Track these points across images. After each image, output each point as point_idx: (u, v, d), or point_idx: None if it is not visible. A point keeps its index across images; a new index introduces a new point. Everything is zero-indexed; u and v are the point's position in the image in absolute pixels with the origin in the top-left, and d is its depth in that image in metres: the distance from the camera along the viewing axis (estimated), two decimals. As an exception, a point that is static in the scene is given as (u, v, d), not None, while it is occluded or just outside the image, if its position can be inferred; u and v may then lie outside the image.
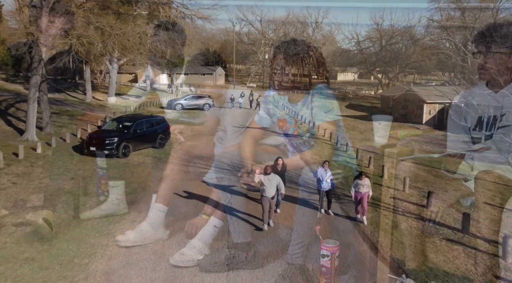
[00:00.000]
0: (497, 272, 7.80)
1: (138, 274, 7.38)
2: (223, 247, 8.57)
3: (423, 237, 9.45)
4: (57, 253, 8.11)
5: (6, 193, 11.40)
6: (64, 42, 17.12)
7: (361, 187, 10.07)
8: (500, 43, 9.31)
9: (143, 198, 11.81)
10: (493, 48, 9.43)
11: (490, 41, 9.58)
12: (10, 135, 19.70)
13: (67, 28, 16.39)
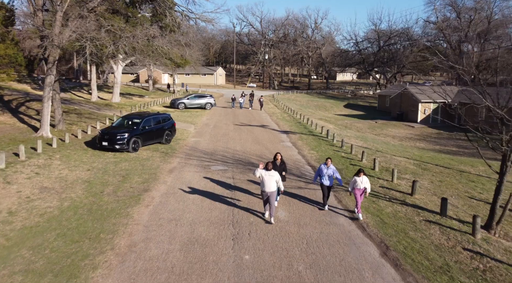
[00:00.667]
0: (465, 245, 9.01)
1: (156, 246, 8.59)
2: (228, 226, 9.78)
3: (406, 219, 10.66)
4: (85, 230, 9.31)
5: (31, 182, 12.62)
6: (79, 44, 18.26)
7: (359, 184, 10.40)
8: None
9: (154, 186, 13.02)
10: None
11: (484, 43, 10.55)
12: (25, 131, 20.90)
13: (81, 31, 17.53)
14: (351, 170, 15.87)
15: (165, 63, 27.51)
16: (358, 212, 10.53)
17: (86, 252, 8.22)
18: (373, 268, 7.89)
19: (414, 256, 8.44)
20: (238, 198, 11.95)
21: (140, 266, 7.69)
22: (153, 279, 7.24)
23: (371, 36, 75.93)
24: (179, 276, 7.35)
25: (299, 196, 12.32)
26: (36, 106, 29.48)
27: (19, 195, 11.45)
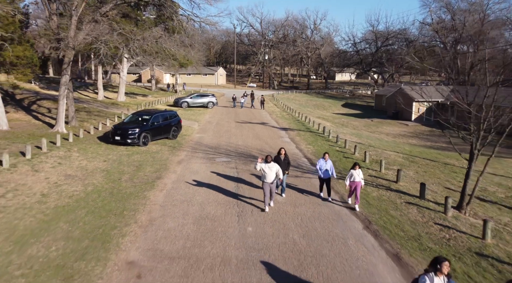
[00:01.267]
0: (437, 221, 10.50)
1: (172, 220, 10.07)
2: (233, 206, 11.26)
3: (388, 201, 12.15)
4: (110, 209, 10.79)
5: (56, 170, 14.10)
6: (95, 47, 19.74)
7: (356, 177, 11.13)
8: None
9: (166, 174, 14.50)
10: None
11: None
12: (41, 127, 22.38)
13: (95, 34, 19.00)
14: (343, 162, 17.36)
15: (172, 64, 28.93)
16: (356, 203, 11.33)
17: (114, 224, 9.70)
18: (356, 237, 9.38)
19: (392, 229, 9.94)
20: (241, 184, 13.44)
21: (160, 235, 9.18)
22: (172, 244, 8.72)
23: (368, 37, 77.45)
24: (194, 242, 8.83)
25: (295, 183, 13.79)
26: (47, 105, 30.98)
27: (47, 180, 12.94)
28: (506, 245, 9.24)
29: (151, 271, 7.50)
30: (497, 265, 8.10)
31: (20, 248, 8.25)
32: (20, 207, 10.56)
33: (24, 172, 13.46)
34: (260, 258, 8.14)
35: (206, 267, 7.73)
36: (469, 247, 8.99)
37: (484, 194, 13.83)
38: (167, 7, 22.19)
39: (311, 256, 8.31)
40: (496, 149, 11.30)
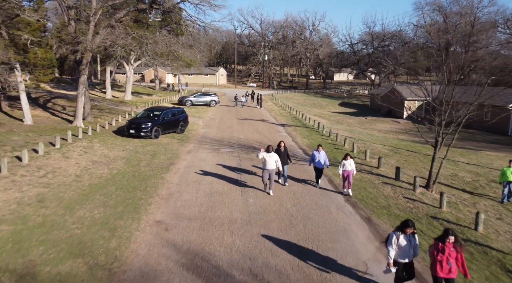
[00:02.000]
0: (405, 196, 12.71)
1: (187, 194, 12.25)
2: (237, 185, 13.45)
3: (368, 182, 14.34)
4: (134, 186, 12.98)
5: (83, 157, 16.30)
6: (112, 49, 21.92)
7: (348, 166, 12.42)
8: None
9: (178, 161, 16.70)
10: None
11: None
12: (61, 123, 24.57)
13: (112, 38, 21.19)
14: (334, 153, 19.55)
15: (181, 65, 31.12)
16: (349, 188, 12.59)
17: (140, 197, 11.89)
18: (337, 207, 11.57)
19: (367, 201, 12.14)
20: (243, 169, 15.63)
21: (179, 203, 11.37)
22: (189, 210, 10.91)
23: (365, 38, 79.66)
24: (206, 209, 11.02)
25: (290, 169, 15.94)
26: (61, 103, 33.20)
27: (78, 165, 15.14)
28: (457, 212, 11.45)
29: (175, 227, 9.70)
30: (445, 224, 10.29)
31: (70, 211, 10.44)
32: (61, 184, 12.76)
33: (57, 158, 15.66)
34: (260, 219, 10.33)
35: (218, 224, 9.93)
36: (427, 213, 11.20)
37: (453, 178, 16.03)
38: (175, 13, 24.36)
39: (300, 218, 10.50)
40: (456, 136, 13.45)
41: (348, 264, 8.05)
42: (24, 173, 13.46)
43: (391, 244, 6.67)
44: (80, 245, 8.50)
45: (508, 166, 12.86)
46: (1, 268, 7.40)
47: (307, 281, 7.33)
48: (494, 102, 33.46)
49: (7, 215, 9.93)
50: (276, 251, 8.49)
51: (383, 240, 7.83)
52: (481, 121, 35.96)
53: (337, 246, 8.87)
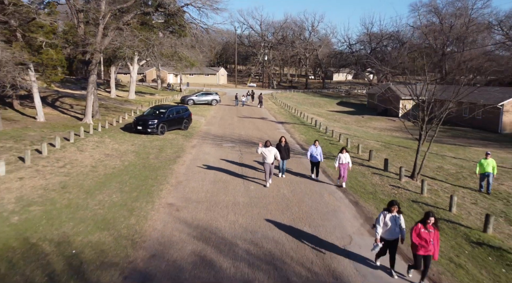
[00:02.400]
0: (391, 184, 14.03)
1: (194, 182, 13.57)
2: (239, 174, 14.77)
3: (359, 172, 15.66)
4: (146, 175, 14.30)
5: (96, 151, 17.62)
6: (121, 51, 23.24)
7: (343, 159, 13.27)
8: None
9: (184, 155, 18.02)
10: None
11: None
12: (70, 120, 25.90)
13: (121, 40, 22.50)
14: (329, 147, 20.87)
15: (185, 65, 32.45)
16: (343, 181, 13.45)
17: (152, 184, 13.22)
18: (329, 192, 12.90)
19: (356, 188, 13.47)
20: (244, 161, 16.96)
21: (187, 189, 12.70)
22: (196, 194, 12.23)
23: (363, 39, 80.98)
24: (212, 194, 12.35)
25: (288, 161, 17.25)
26: (68, 101, 34.54)
27: (92, 157, 16.46)
28: (437, 197, 12.78)
29: (185, 208, 11.03)
30: (424, 207, 11.61)
31: (91, 196, 11.76)
32: (79, 173, 14.08)
33: (72, 151, 16.99)
34: (259, 202, 11.66)
35: (222, 206, 11.26)
36: (409, 198, 12.53)
37: (439, 170, 17.36)
38: (179, 16, 25.68)
39: (295, 202, 11.83)
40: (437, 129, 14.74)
41: (335, 236, 9.38)
42: (45, 163, 14.78)
43: (378, 222, 7.59)
44: (104, 221, 9.82)
45: (485, 158, 14.13)
46: (41, 238, 8.73)
47: (300, 248, 8.66)
48: (485, 102, 34.89)
49: (36, 198, 11.25)
50: (274, 227, 9.82)
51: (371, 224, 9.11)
52: (472, 120, 37.38)
53: (326, 223, 10.19)
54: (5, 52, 18.25)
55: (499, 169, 18.36)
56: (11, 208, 10.36)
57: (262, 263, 7.93)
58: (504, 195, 13.94)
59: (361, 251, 8.67)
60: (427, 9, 60.22)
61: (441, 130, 35.41)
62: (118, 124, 25.59)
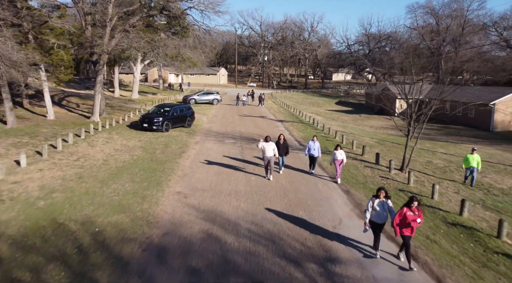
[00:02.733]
0: (381, 175, 15.18)
1: (199, 173, 14.70)
2: (241, 167, 15.90)
3: (352, 165, 16.80)
4: (154, 168, 15.44)
5: (106, 146, 18.76)
6: (129, 52, 24.39)
7: (338, 156, 13.98)
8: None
9: (188, 150, 19.16)
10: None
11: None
12: (78, 118, 27.04)
13: (128, 42, 23.66)
14: (325, 143, 22.01)
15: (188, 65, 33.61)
16: (337, 177, 14.15)
17: (160, 175, 14.36)
18: (323, 183, 14.05)
19: (348, 178, 14.62)
20: (245, 155, 18.11)
21: (193, 180, 13.85)
22: (202, 184, 13.38)
23: (362, 40, 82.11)
24: (216, 183, 13.49)
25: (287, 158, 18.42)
26: (74, 101, 35.68)
27: (103, 152, 17.61)
28: (422, 187, 13.93)
29: (192, 195, 12.17)
30: (409, 195, 12.75)
31: (105, 185, 12.91)
32: (93, 166, 15.23)
33: (84, 147, 18.14)
34: (259, 191, 12.81)
35: (225, 193, 12.40)
36: (396, 187, 13.69)
37: (428, 164, 18.51)
38: (182, 18, 26.84)
39: (292, 190, 12.98)
40: (424, 126, 15.86)
41: (327, 219, 10.54)
42: (60, 157, 15.93)
43: (367, 207, 8.48)
44: (120, 206, 10.97)
45: (471, 153, 15.22)
46: (66, 219, 9.88)
47: (295, 228, 9.80)
48: (478, 101, 36.05)
49: (57, 187, 12.40)
50: (272, 210, 10.97)
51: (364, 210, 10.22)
52: (466, 118, 38.56)
53: (320, 208, 11.35)
54: (19, 53, 19.35)
55: (486, 164, 19.57)
56: (36, 195, 11.52)
57: (261, 239, 9.08)
58: (486, 186, 15.10)
59: (349, 230, 9.81)
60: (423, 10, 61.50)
61: (435, 129, 36.72)
62: (124, 122, 26.74)
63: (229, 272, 7.54)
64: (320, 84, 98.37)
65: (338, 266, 7.94)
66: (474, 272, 7.82)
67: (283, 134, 15.68)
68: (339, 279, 7.45)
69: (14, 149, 16.37)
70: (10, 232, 8.99)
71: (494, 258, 8.45)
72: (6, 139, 17.99)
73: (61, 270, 7.40)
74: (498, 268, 8.01)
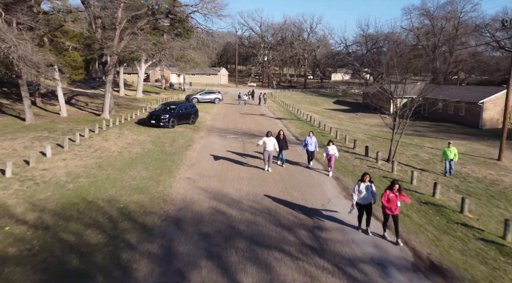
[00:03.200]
0: (369, 165, 16.88)
1: (205, 163, 16.40)
2: (242, 159, 17.60)
3: (343, 157, 18.49)
4: (165, 159, 17.14)
5: (119, 140, 20.46)
6: (138, 53, 26.09)
7: (330, 150, 15.08)
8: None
9: (194, 144, 20.87)
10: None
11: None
12: (89, 115, 28.74)
13: (138, 44, 25.37)
14: (321, 138, 23.65)
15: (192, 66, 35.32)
16: (330, 170, 15.31)
17: (171, 165, 16.06)
18: (317, 173, 15.75)
19: (339, 168, 16.31)
20: (246, 149, 19.81)
21: (200, 169, 15.55)
22: (208, 172, 15.07)
23: (360, 40, 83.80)
24: (221, 171, 15.19)
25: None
26: (83, 99, 37.36)
27: (117, 145, 19.31)
28: (404, 175, 15.64)
29: (200, 180, 13.87)
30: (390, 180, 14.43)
31: (123, 172, 14.60)
32: (109, 157, 16.93)
33: (99, 140, 19.85)
34: (260, 177, 14.51)
35: (229, 179, 14.10)
36: (381, 175, 15.39)
37: (414, 157, 20.20)
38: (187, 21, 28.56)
39: (288, 177, 14.69)
40: (408, 121, 17.54)
41: (317, 198, 12.24)
42: (79, 149, 17.64)
43: (354, 190, 9.80)
44: (139, 188, 12.68)
45: (448, 147, 16.86)
46: (94, 198, 11.58)
47: (290, 204, 11.50)
48: (468, 100, 37.78)
49: (81, 173, 14.10)
50: (271, 192, 12.68)
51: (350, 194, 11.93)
52: (456, 116, 40.28)
53: (312, 191, 13.05)
54: (38, 55, 21.04)
55: (468, 157, 21.32)
56: (64, 179, 13.22)
57: (261, 213, 10.78)
58: (463, 175, 16.82)
59: (336, 208, 11.51)
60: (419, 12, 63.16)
61: (426, 126, 38.42)
62: (132, 119, 28.43)
63: (234, 236, 9.24)
64: (319, 84, 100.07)
65: (324, 232, 9.64)
66: (435, 236, 9.53)
67: (282, 130, 17.04)
68: (324, 241, 9.15)
69: (37, 142, 18.07)
70: (50, 206, 10.69)
71: (453, 227, 10.16)
72: (28, 133, 19.69)
73: (98, 233, 9.10)
74: (455, 234, 9.72)
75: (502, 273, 7.86)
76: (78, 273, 7.34)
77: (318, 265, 7.94)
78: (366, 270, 7.86)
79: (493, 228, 10.27)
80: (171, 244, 8.70)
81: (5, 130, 20.18)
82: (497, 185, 15.55)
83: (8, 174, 12.87)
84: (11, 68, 21.26)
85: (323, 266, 7.93)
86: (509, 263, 8.30)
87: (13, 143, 17.27)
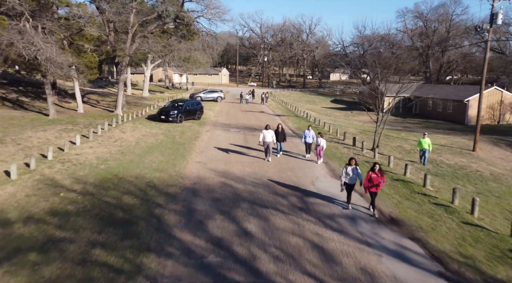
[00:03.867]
0: (355, 153, 19.39)
1: (212, 151, 18.91)
2: (245, 150, 20.12)
3: (333, 147, 21.01)
4: (177, 147, 19.63)
5: (135, 132, 22.98)
6: (148, 55, 28.56)
7: (321, 142, 17.53)
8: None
9: (201, 136, 23.39)
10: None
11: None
12: (103, 112, 31.27)
13: (149, 46, 27.89)
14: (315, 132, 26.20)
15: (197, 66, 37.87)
16: (318, 159, 17.44)
17: (183, 152, 18.57)
18: (309, 159, 18.26)
19: (329, 155, 18.83)
20: (248, 141, 22.33)
21: (209, 155, 18.06)
22: (216, 157, 17.59)
23: (357, 41, 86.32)
24: (226, 157, 17.71)
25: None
26: (94, 98, 39.88)
27: (133, 137, 21.83)
28: (384, 160, 18.14)
29: (209, 163, 16.38)
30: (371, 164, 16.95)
31: (143, 158, 17.12)
32: (129, 145, 19.45)
33: (117, 133, 22.37)
34: (259, 161, 17.03)
35: (234, 163, 16.62)
36: (364, 160, 17.91)
37: (397, 148, 22.72)
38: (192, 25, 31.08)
39: (284, 161, 17.21)
40: (388, 115, 20.04)
41: (308, 176, 14.75)
42: (102, 139, 20.16)
43: (342, 172, 11.91)
44: (158, 169, 15.20)
45: (423, 137, 19.26)
46: (124, 175, 14.10)
47: (284, 180, 14.02)
48: (455, 98, 40.30)
49: (108, 157, 16.62)
50: (269, 171, 15.19)
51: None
52: (445, 113, 42.80)
53: (303, 171, 15.57)
54: (61, 56, 23.56)
55: (446, 148, 23.83)
56: (95, 162, 15.74)
57: (260, 186, 13.30)
58: (437, 162, 19.34)
59: (323, 184, 14.02)
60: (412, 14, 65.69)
61: (416, 123, 40.96)
62: (142, 115, 30.95)
63: (239, 200, 11.75)
64: (318, 84, 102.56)
65: (310, 198, 12.16)
66: (398, 202, 12.06)
67: (281, 124, 19.47)
68: (310, 204, 11.67)
69: (64, 133, 20.59)
70: (90, 181, 13.21)
71: (415, 196, 12.69)
72: (55, 126, 22.21)
73: (133, 198, 11.62)
74: (414, 200, 12.25)
75: (442, 223, 10.38)
76: (125, 221, 9.87)
77: (304, 218, 10.46)
78: (340, 222, 10.39)
79: (447, 197, 12.78)
80: (191, 206, 11.22)
81: (34, 124, 22.69)
82: (464, 169, 18.08)
83: (49, 157, 15.40)
84: (38, 69, 23.75)
85: (307, 219, 10.45)
86: (450, 218, 10.82)
87: (45, 134, 19.81)
